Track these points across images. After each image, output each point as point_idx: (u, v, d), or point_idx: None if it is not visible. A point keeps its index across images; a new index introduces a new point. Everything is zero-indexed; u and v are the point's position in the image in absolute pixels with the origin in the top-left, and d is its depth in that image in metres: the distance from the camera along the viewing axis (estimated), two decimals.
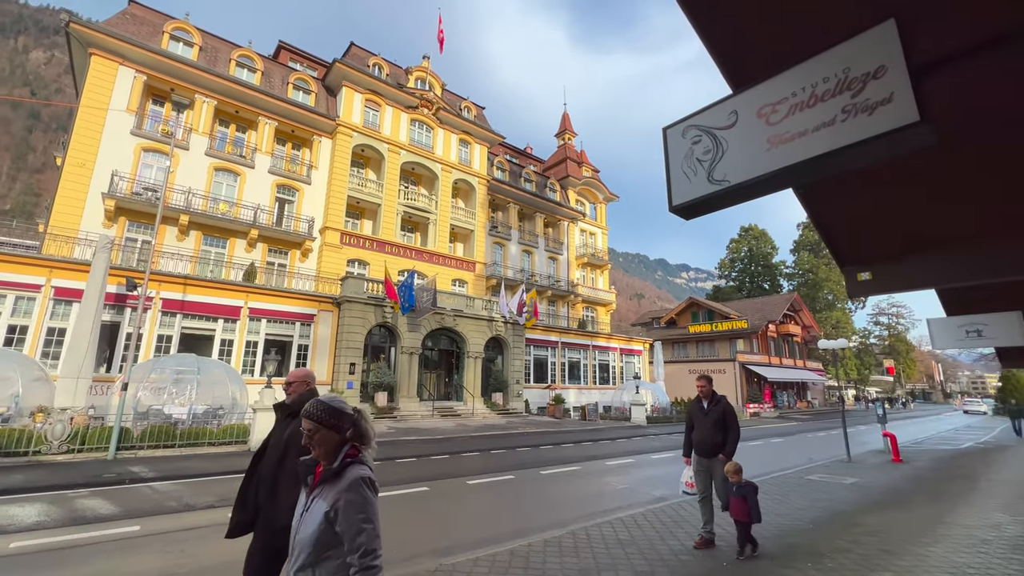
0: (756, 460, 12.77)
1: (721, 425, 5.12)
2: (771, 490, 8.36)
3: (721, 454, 5.08)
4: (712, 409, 5.23)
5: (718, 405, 5.23)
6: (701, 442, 5.22)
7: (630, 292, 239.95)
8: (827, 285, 60.80)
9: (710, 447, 5.15)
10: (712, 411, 5.22)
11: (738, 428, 5.16)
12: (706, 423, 5.19)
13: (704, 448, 5.19)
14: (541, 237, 36.17)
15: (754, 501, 4.77)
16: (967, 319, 6.94)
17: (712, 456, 5.16)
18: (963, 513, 6.88)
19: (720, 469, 5.09)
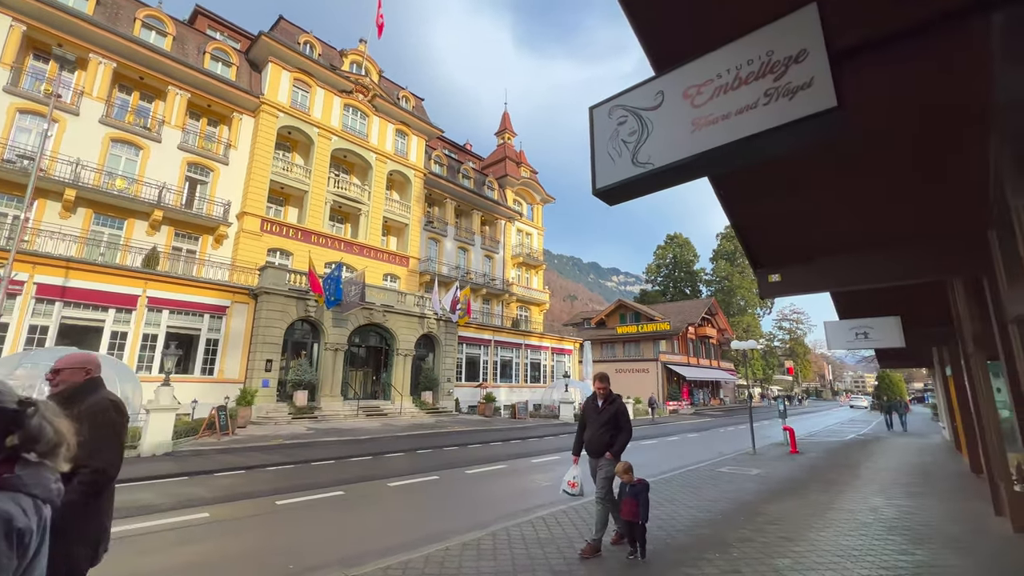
0: (675, 455, 13.41)
1: (613, 425, 4.99)
2: (686, 483, 8.74)
3: (608, 453, 4.94)
4: (606, 408, 5.08)
5: (612, 404, 5.08)
6: (591, 441, 5.08)
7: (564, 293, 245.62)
8: (740, 292, 65.93)
9: (599, 446, 5.00)
10: (606, 410, 5.07)
11: (630, 430, 5.07)
12: (598, 422, 5.04)
13: (593, 447, 5.06)
14: (478, 235, 35.93)
15: (645, 500, 4.69)
16: (857, 322, 7.64)
17: (600, 456, 5.02)
18: (848, 498, 7.56)
19: (605, 469, 4.96)
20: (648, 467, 11.20)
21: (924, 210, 4.05)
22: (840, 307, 9.41)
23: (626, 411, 5.10)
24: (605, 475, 4.95)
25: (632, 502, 4.67)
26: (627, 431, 5.02)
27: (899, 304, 7.88)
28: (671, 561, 4.60)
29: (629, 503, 4.69)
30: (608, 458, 4.94)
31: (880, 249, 4.41)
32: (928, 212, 4.06)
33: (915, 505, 7.13)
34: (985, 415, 6.54)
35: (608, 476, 4.95)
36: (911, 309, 7.50)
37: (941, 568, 4.42)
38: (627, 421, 5.05)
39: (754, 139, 1.68)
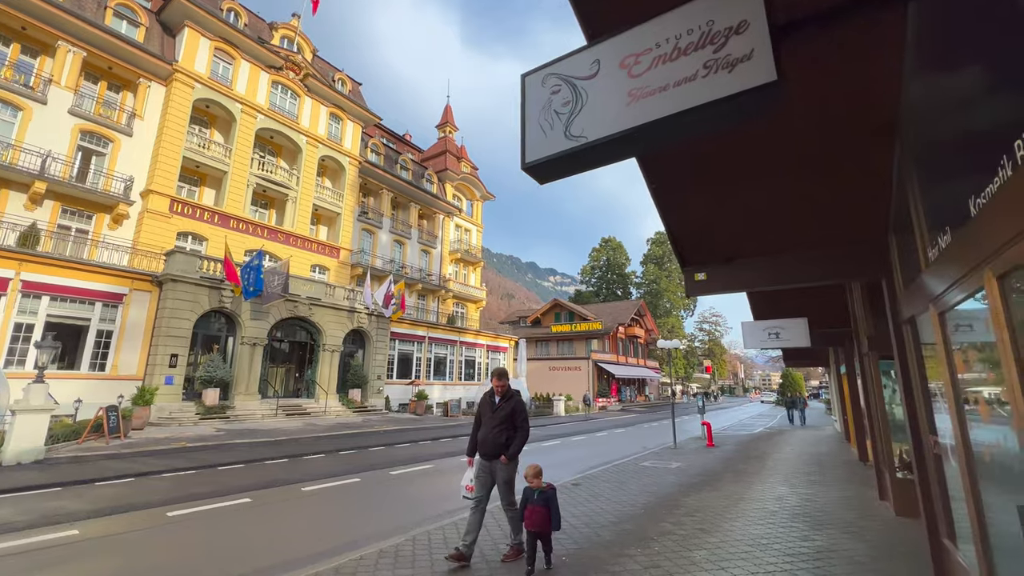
0: (602, 450, 13.74)
1: (509, 424, 4.55)
2: (612, 478, 8.90)
3: (503, 456, 4.50)
4: (502, 406, 4.61)
5: (509, 402, 4.63)
6: (484, 441, 4.59)
7: (501, 292, 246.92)
8: (666, 295, 69.69)
9: (493, 447, 4.53)
10: (502, 408, 4.60)
11: (527, 430, 4.64)
12: (493, 420, 4.57)
13: (487, 448, 4.57)
14: (415, 228, 34.98)
15: (555, 507, 4.31)
16: (770, 323, 8.14)
17: (495, 458, 4.55)
18: (757, 488, 8.05)
19: (503, 472, 4.55)
20: (577, 463, 11.36)
21: (832, 217, 4.30)
22: (755, 309, 10.03)
23: (524, 409, 4.68)
24: (504, 480, 4.57)
25: (542, 510, 4.20)
26: (524, 431, 4.60)
27: (806, 307, 8.51)
28: (595, 559, 4.56)
29: (538, 512, 4.19)
30: (504, 462, 4.53)
31: (793, 253, 4.65)
32: (835, 219, 4.31)
33: (814, 493, 7.71)
34: (875, 409, 7.20)
35: (508, 481, 4.57)
36: (816, 312, 8.13)
37: (838, 552, 4.74)
38: (524, 420, 4.63)
39: (692, 112, 1.57)
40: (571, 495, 7.37)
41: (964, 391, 2.71)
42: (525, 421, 4.64)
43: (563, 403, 30.64)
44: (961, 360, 2.64)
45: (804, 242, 4.53)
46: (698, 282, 4.97)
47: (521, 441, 4.57)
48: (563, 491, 7.64)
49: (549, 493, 4.32)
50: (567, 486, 8.13)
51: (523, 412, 4.64)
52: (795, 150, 3.44)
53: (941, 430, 3.62)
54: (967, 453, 2.67)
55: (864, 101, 2.98)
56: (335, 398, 22.04)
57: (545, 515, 4.20)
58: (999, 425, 2.38)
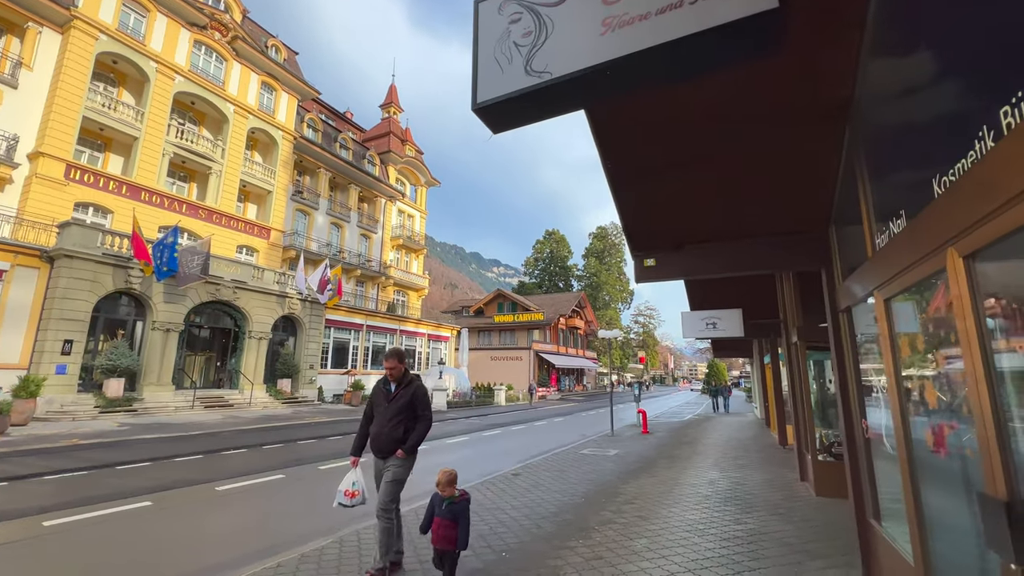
0: (542, 439, 13.76)
1: (408, 414, 3.92)
2: (552, 466, 8.84)
3: (400, 451, 3.86)
4: (400, 393, 3.97)
5: (408, 388, 3.99)
6: (378, 436, 3.92)
7: (445, 281, 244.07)
8: (606, 288, 71.88)
9: (389, 443, 3.87)
10: (400, 396, 3.96)
11: (430, 419, 4.04)
12: (389, 412, 3.92)
13: (382, 443, 3.89)
14: (354, 211, 33.37)
15: (466, 521, 3.54)
16: (707, 313, 8.37)
17: (390, 454, 3.90)
18: (691, 474, 8.30)
19: (395, 469, 3.87)
20: (518, 452, 11.25)
21: (778, 207, 4.33)
22: (692, 300, 10.33)
23: (426, 396, 4.06)
24: (393, 478, 3.83)
25: (449, 525, 3.46)
26: (426, 421, 3.98)
27: (741, 299, 8.84)
28: (536, 554, 4.37)
29: (444, 526, 3.46)
30: (400, 456, 3.86)
31: (741, 241, 4.67)
32: (781, 209, 4.35)
33: (742, 476, 8.06)
34: (799, 396, 7.60)
35: (397, 480, 3.85)
36: (750, 303, 8.47)
37: (769, 535, 4.88)
38: (426, 408, 4.01)
39: (677, 45, 1.33)
40: (511, 485, 7.20)
41: (906, 376, 2.74)
42: (427, 410, 4.01)
43: (504, 392, 30.68)
44: (907, 345, 2.66)
45: (752, 231, 4.55)
46: (647, 268, 4.88)
47: (421, 433, 3.94)
48: (504, 482, 7.46)
49: (461, 504, 3.54)
50: (507, 476, 7.96)
51: (424, 400, 4.02)
52: (745, 135, 3.38)
53: (874, 415, 3.74)
54: (907, 437, 2.70)
55: (817, 84, 2.92)
56: (262, 389, 20.60)
57: (452, 530, 3.46)
58: (939, 412, 2.40)
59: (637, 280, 4.97)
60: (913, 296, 2.61)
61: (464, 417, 20.62)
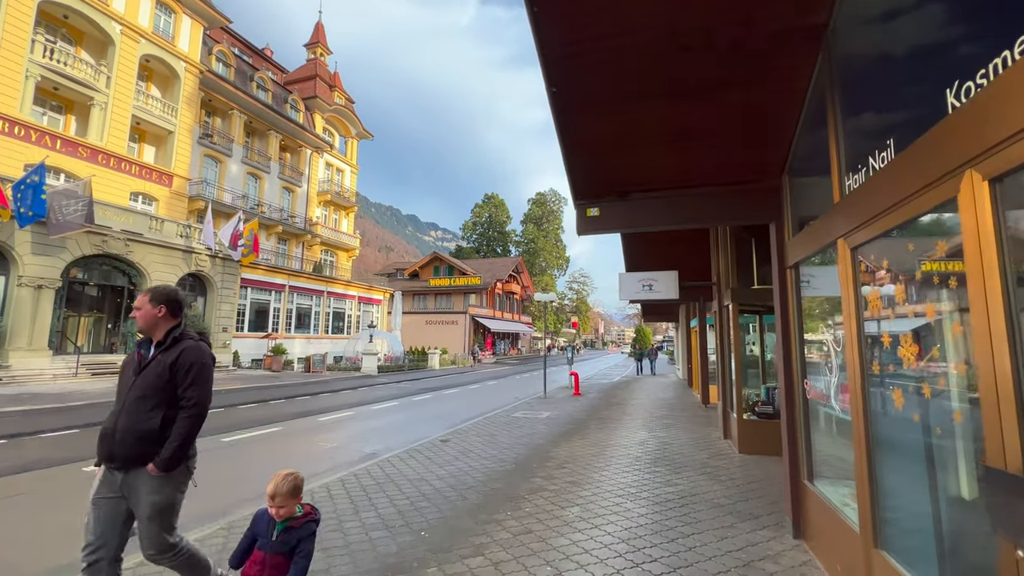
0: (475, 402, 13.46)
1: (165, 394, 2.41)
2: (483, 431, 8.51)
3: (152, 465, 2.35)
4: (158, 359, 2.45)
5: (171, 350, 2.46)
6: (112, 431, 2.40)
7: (380, 243, 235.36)
8: (543, 254, 72.56)
9: (133, 442, 2.36)
10: (156, 362, 2.44)
11: (202, 406, 2.49)
12: (138, 389, 2.41)
13: (121, 443, 2.37)
14: (275, 162, 30.36)
15: (306, 555, 2.28)
16: (644, 275, 8.21)
17: (136, 464, 2.38)
18: (621, 435, 8.31)
19: (152, 494, 2.38)
20: (448, 416, 10.85)
21: (730, 153, 3.99)
22: (630, 261, 10.21)
23: (203, 368, 2.49)
24: (152, 511, 2.38)
25: (278, 564, 2.24)
26: (194, 410, 2.45)
27: (678, 260, 8.77)
28: (460, 530, 3.95)
29: (272, 566, 2.23)
30: (155, 474, 2.36)
31: (689, 191, 4.32)
32: (734, 156, 4.01)
33: (669, 436, 8.18)
34: (727, 358, 7.71)
35: (162, 508, 2.41)
36: (686, 265, 8.41)
37: (699, 496, 4.81)
38: (199, 387, 2.46)
39: None
40: (439, 453, 6.75)
41: (868, 331, 2.48)
42: (199, 391, 2.45)
43: (438, 356, 30.17)
44: (877, 299, 2.37)
45: (702, 180, 4.20)
46: (590, 218, 4.41)
47: (185, 433, 2.42)
48: (432, 449, 6.99)
49: (303, 530, 2.30)
50: (435, 443, 7.51)
51: (197, 373, 2.45)
52: (704, 64, 2.93)
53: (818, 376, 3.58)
54: (864, 398, 2.46)
55: (793, 4, 2.49)
56: None
57: (283, 567, 2.23)
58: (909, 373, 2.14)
59: (579, 232, 4.50)
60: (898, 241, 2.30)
61: (395, 382, 19.91)
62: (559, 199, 78.50)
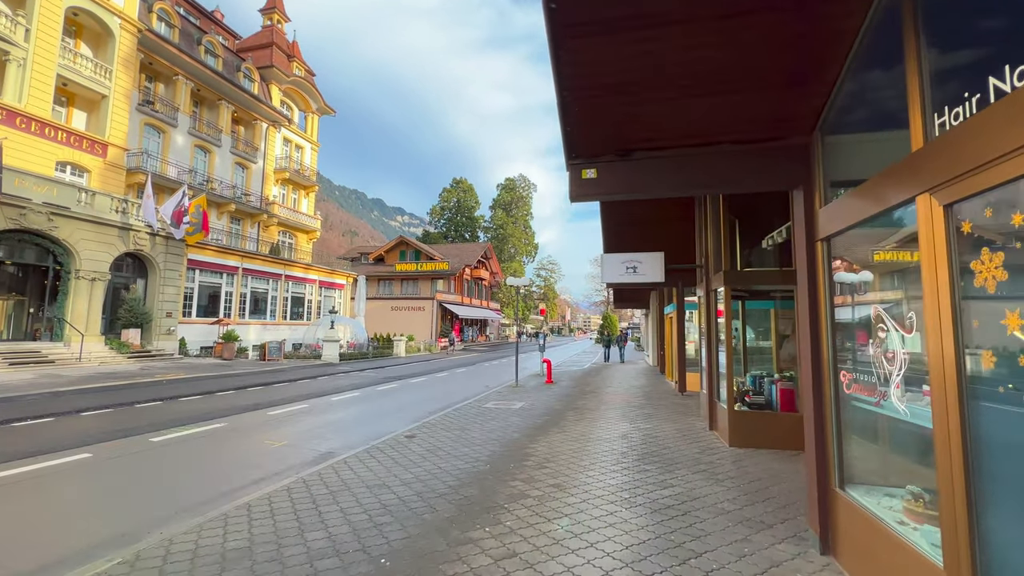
0: (443, 392, 12.73)
1: None
2: (453, 424, 7.81)
3: None
4: None
5: None
6: None
7: (344, 228, 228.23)
8: (512, 240, 71.88)
9: None
10: None
11: None
12: None
13: None
14: (227, 135, 28.16)
15: None
16: (628, 256, 7.65)
17: None
18: (601, 427, 7.80)
19: None
20: (415, 407, 10.09)
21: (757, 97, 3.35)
22: (610, 241, 9.63)
23: None
24: None
25: None
26: None
27: (658, 242, 8.25)
28: (428, 554, 3.25)
29: None
30: None
31: (699, 150, 3.68)
32: (760, 101, 3.38)
33: (652, 427, 7.73)
34: (713, 344, 7.27)
35: None
36: (667, 247, 7.91)
37: (700, 500, 4.30)
38: None
39: None
40: (404, 452, 6.01)
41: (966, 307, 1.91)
42: None
43: (403, 344, 29.15)
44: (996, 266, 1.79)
45: (716, 135, 3.57)
46: (585, 181, 3.73)
47: None
48: (396, 447, 6.25)
49: None
50: (400, 440, 6.76)
51: None
52: None
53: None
54: (961, 399, 1.90)
55: None
56: (99, 341, 16.84)
57: None
58: None
59: (573, 197, 3.80)
60: None
61: (358, 370, 18.88)
62: (529, 185, 77.75)
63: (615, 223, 8.69)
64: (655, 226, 8.63)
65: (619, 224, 8.62)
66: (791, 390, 6.25)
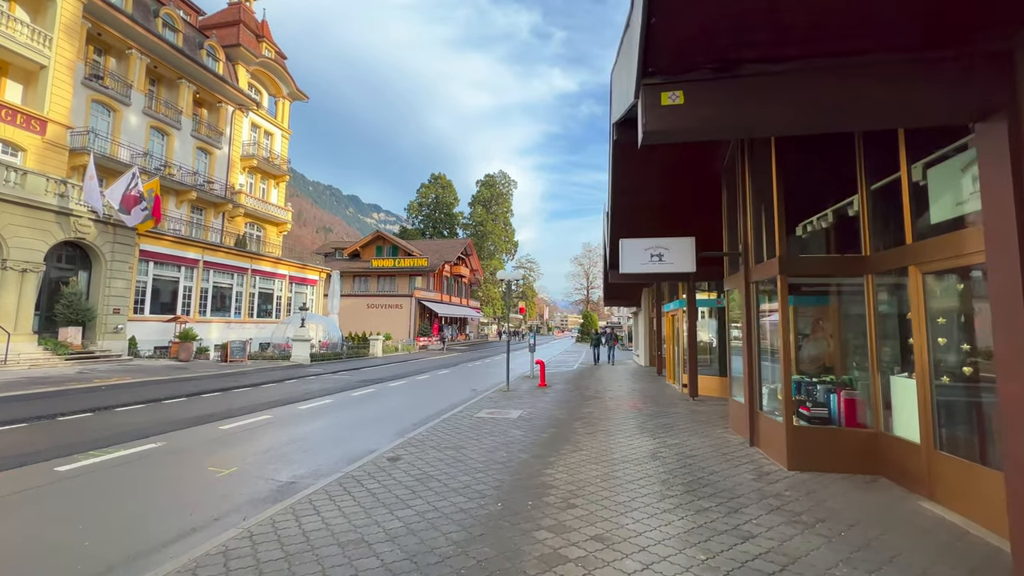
0: (427, 397, 11.36)
1: None
2: (444, 441, 6.52)
3: None
4: None
5: None
6: None
7: (318, 224, 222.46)
8: (491, 237, 70.61)
9: None
10: None
11: None
12: None
13: None
14: (188, 117, 25.98)
15: None
16: (653, 242, 6.51)
17: None
18: (622, 443, 6.64)
19: None
20: (396, 418, 8.71)
21: None
22: (622, 223, 8.45)
23: None
24: None
25: None
26: None
27: (694, 224, 7.12)
28: None
29: None
30: None
31: (835, 61, 2.51)
32: None
33: (680, 443, 6.61)
34: (754, 345, 6.19)
35: None
36: (701, 229, 6.78)
37: (804, 562, 3.14)
38: None
39: None
40: (386, 483, 4.71)
41: None
42: None
43: (380, 343, 27.56)
44: None
45: (867, 40, 2.40)
46: (667, 110, 2.53)
47: None
48: (376, 474, 4.92)
49: None
50: (381, 463, 5.45)
51: None
52: None
53: None
54: None
55: None
56: (30, 341, 14.82)
57: None
58: None
59: (646, 136, 2.58)
60: None
61: (331, 372, 17.31)
62: (509, 181, 76.57)
63: (632, 197, 7.46)
64: (671, 212, 7.52)
65: (636, 198, 7.41)
66: (857, 400, 5.20)
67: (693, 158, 6.45)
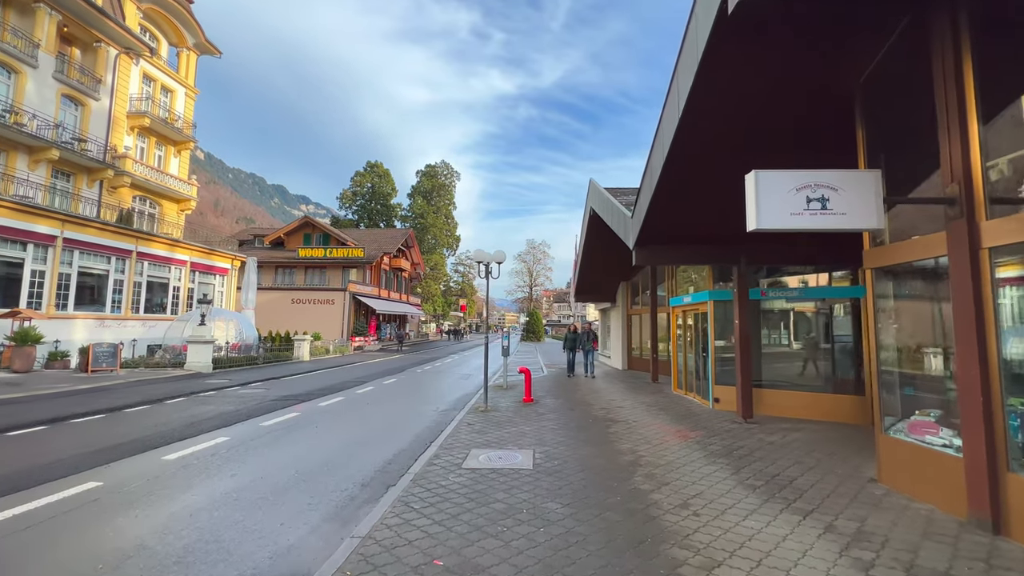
0: (373, 428, 7.72)
1: None
2: (427, 548, 3.28)
3: None
4: None
5: None
6: None
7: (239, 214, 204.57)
8: (432, 231, 66.53)
9: None
10: None
11: None
12: None
13: None
14: (49, 54, 20.04)
15: None
16: (811, 177, 3.66)
17: None
18: (735, 518, 3.77)
19: None
20: (331, 476, 4.69)
21: None
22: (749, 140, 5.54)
23: None
24: None
25: None
26: None
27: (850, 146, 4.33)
28: None
29: None
30: None
31: None
32: None
33: (860, 530, 3.85)
34: (871, 346, 3.55)
35: None
36: (889, 156, 4.04)
37: None
38: None
39: None
40: None
41: None
42: None
43: (308, 344, 23.18)
44: None
45: None
46: None
47: None
48: None
49: None
50: None
51: None
52: None
53: None
54: None
55: None
56: None
57: None
58: None
59: None
60: None
61: (238, 384, 13.11)
62: (452, 172, 72.78)
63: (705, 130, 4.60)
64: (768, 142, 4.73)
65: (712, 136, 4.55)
66: None
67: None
